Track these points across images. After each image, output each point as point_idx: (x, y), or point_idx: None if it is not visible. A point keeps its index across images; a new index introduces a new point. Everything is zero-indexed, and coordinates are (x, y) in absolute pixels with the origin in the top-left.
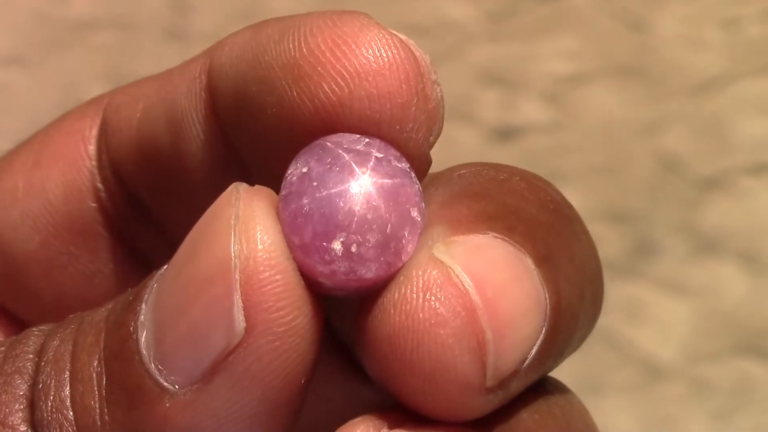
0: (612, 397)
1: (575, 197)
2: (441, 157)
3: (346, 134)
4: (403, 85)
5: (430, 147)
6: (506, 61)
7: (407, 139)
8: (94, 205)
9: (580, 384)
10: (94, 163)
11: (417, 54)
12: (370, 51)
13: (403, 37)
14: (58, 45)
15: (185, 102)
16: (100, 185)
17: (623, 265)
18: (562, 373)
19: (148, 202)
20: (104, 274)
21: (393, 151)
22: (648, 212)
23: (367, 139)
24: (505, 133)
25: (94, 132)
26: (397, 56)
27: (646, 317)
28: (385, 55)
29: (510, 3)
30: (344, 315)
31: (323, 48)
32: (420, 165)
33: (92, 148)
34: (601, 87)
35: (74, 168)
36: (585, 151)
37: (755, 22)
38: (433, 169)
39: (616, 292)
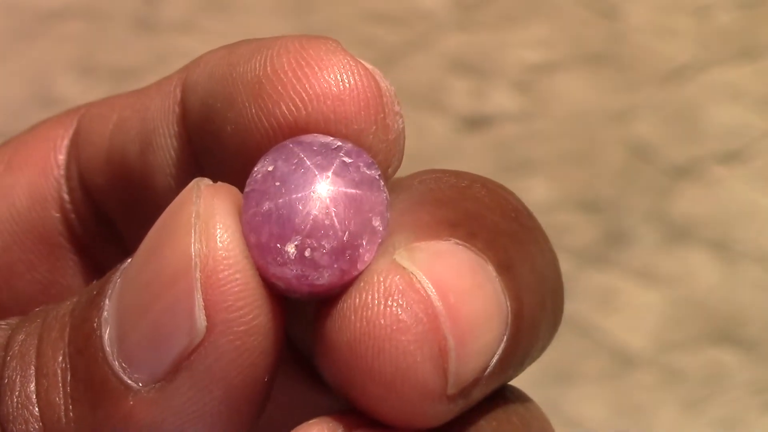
0: (583, 385)
1: (546, 186)
2: (411, 146)
3: (320, 135)
4: (362, 112)
5: (388, 179)
6: (476, 49)
7: None
8: (57, 215)
9: (550, 373)
10: (62, 172)
11: (382, 84)
12: (331, 75)
13: (369, 66)
14: (27, 35)
15: (158, 116)
16: (66, 195)
17: (594, 253)
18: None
19: (113, 215)
20: (62, 285)
21: (364, 157)
22: (619, 201)
23: (339, 143)
24: (476, 122)
25: (66, 142)
26: (359, 83)
27: (617, 306)
28: (346, 80)
29: None
30: (301, 321)
31: (286, 68)
32: None
33: (62, 158)
34: (572, 75)
35: (42, 176)
36: (555, 140)
37: (725, 10)
38: (403, 158)
39: (586, 281)
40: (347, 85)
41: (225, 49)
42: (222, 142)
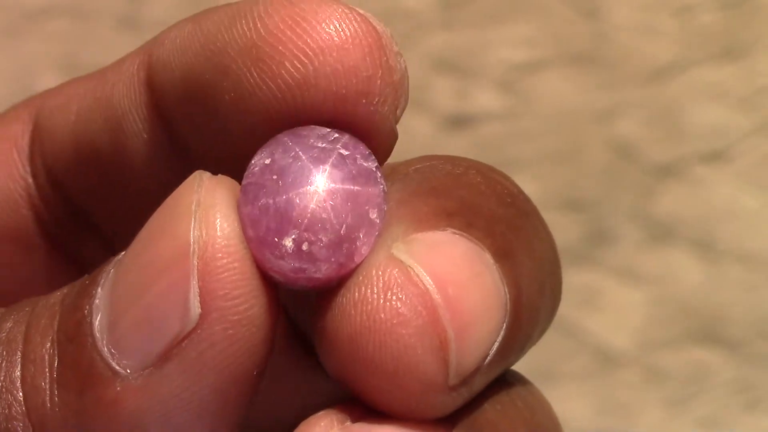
0: (565, 385)
1: (530, 185)
2: (395, 146)
3: (316, 127)
4: (368, 58)
5: (397, 120)
6: (460, 48)
7: (373, 113)
8: (29, 213)
9: (533, 372)
10: (27, 169)
11: (378, 27)
12: (331, 26)
13: (361, 11)
14: (12, 33)
15: (124, 101)
16: (35, 192)
17: (577, 252)
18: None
19: (87, 207)
20: (41, 283)
21: (362, 149)
22: (602, 200)
23: (336, 134)
24: (460, 121)
25: (27, 139)
26: (359, 30)
27: (600, 305)
28: (347, 29)
29: None
30: (304, 307)
31: (282, 27)
32: (387, 140)
33: (25, 156)
34: (556, 74)
35: (7, 175)
36: (539, 139)
37: (708, 10)
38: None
39: (570, 280)
40: (348, 33)
41: (189, 21)
42: (217, 113)
